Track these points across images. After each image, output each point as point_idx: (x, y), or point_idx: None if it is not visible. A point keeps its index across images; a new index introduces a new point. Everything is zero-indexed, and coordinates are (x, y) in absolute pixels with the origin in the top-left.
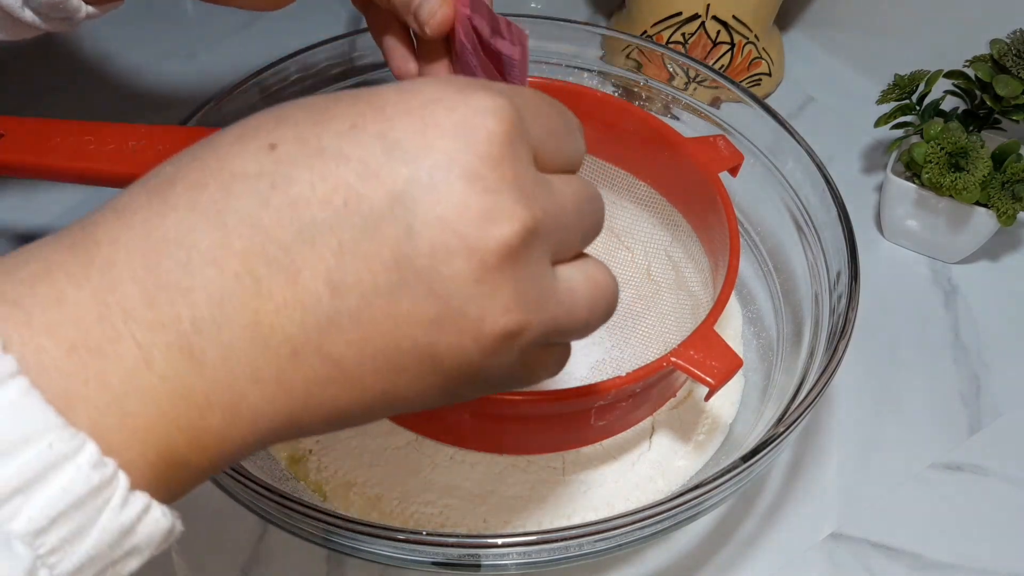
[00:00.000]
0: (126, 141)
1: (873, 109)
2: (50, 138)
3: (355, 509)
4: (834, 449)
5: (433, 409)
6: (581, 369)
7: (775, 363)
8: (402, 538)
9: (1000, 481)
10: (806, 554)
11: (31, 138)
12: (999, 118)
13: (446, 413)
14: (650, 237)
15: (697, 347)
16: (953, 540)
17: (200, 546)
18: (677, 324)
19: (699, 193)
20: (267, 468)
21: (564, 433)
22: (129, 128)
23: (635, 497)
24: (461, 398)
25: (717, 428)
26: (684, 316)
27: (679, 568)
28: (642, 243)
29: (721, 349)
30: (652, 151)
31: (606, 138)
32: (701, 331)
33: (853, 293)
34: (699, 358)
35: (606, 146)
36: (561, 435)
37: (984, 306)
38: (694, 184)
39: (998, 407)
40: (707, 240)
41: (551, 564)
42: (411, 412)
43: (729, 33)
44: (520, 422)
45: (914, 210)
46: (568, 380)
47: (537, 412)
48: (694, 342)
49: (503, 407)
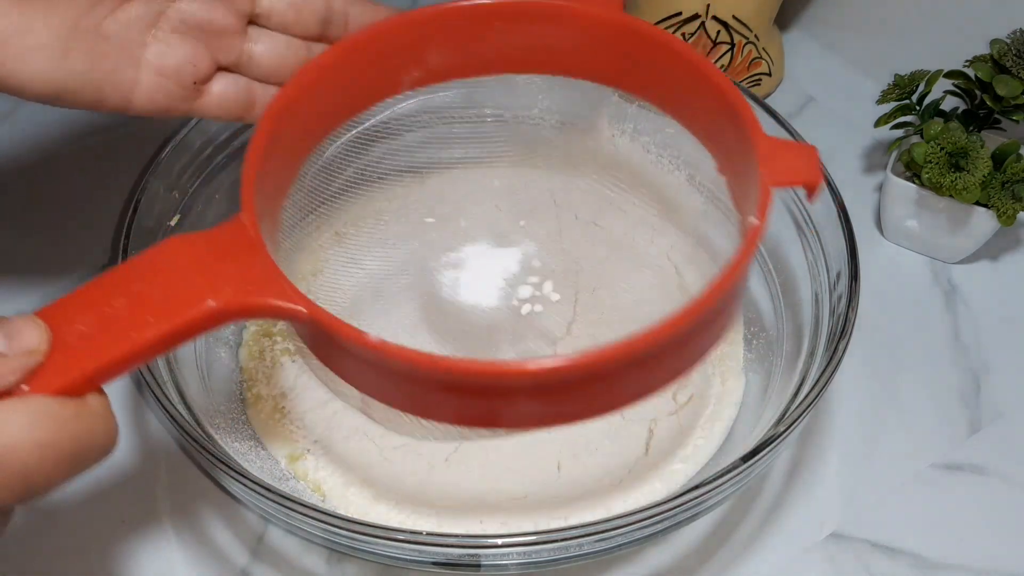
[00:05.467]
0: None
1: (873, 109)
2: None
3: (354, 509)
4: (834, 449)
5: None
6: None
7: (775, 363)
8: (402, 538)
9: (1000, 481)
10: (806, 554)
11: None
12: (999, 118)
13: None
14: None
15: (772, 158)
16: (953, 540)
17: (200, 546)
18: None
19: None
20: (267, 468)
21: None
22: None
23: (633, 499)
24: None
25: (716, 429)
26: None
27: (679, 568)
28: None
29: (786, 146)
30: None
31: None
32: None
33: (853, 293)
34: (785, 164)
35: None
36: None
37: (984, 306)
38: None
39: (998, 407)
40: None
41: (551, 564)
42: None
43: (729, 33)
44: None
45: (914, 210)
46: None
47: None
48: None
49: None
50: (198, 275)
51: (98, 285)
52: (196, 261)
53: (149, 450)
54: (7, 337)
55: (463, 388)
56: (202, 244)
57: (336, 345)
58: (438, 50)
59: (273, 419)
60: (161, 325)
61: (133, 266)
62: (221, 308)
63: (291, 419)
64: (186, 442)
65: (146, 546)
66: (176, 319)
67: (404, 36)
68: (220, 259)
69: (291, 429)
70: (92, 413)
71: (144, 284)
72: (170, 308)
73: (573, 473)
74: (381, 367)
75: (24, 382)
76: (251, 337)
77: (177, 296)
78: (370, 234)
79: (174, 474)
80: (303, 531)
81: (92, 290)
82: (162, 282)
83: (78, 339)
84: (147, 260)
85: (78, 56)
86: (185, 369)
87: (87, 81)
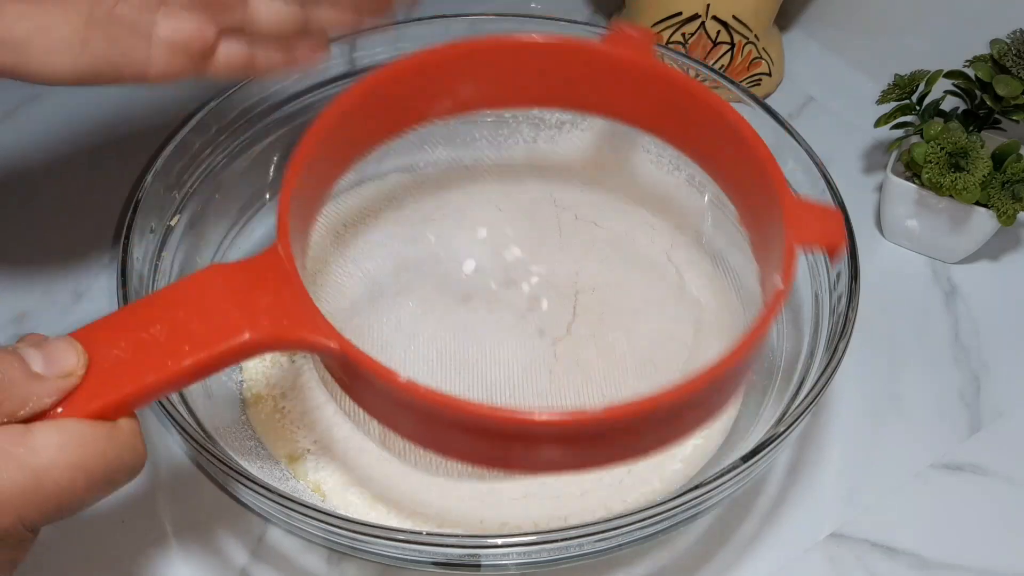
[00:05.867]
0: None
1: (873, 109)
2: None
3: (353, 509)
4: (834, 449)
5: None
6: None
7: (775, 363)
8: (402, 538)
9: (1000, 481)
10: (806, 554)
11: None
12: (999, 118)
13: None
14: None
15: (797, 223)
16: (953, 540)
17: (200, 546)
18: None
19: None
20: (267, 468)
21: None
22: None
23: (632, 499)
24: None
25: (716, 429)
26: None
27: (679, 568)
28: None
29: (811, 208)
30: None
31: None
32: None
33: (853, 293)
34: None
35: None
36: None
37: (984, 306)
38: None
39: (998, 407)
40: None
41: (551, 564)
42: None
43: (729, 33)
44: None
45: (914, 210)
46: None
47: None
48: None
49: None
50: (235, 306)
51: (136, 310)
52: (234, 291)
53: (149, 450)
54: (45, 359)
55: (489, 432)
56: (240, 274)
57: (363, 380)
58: (471, 84)
59: (273, 419)
60: (197, 354)
61: (172, 293)
62: (256, 340)
63: (291, 419)
64: (186, 443)
65: (146, 546)
66: (212, 349)
67: (440, 69)
68: (257, 290)
69: (291, 429)
70: (123, 437)
71: (182, 312)
72: (207, 338)
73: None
74: (407, 406)
75: (59, 404)
76: None
77: (214, 326)
78: (370, 235)
79: (174, 474)
80: (303, 531)
81: (130, 314)
82: (199, 311)
83: (114, 364)
84: (185, 288)
85: (96, 43)
86: None
87: (105, 64)
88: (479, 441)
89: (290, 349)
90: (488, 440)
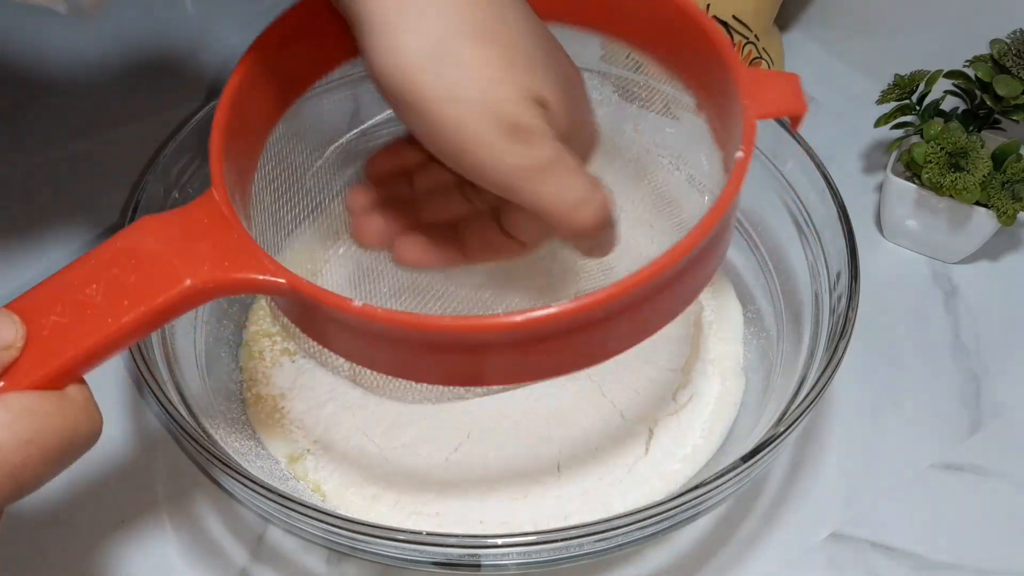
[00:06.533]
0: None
1: (873, 109)
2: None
3: (353, 509)
4: (834, 449)
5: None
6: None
7: (775, 363)
8: (402, 538)
9: (1000, 481)
10: (806, 554)
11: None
12: (999, 118)
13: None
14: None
15: (753, 90)
16: (953, 540)
17: (200, 546)
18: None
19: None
20: (267, 468)
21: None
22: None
23: (632, 499)
24: None
25: (716, 429)
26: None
27: (679, 568)
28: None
29: (767, 77)
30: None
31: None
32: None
33: (853, 293)
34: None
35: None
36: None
37: (984, 306)
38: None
39: (998, 407)
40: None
41: (551, 564)
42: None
43: (729, 33)
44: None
45: (914, 210)
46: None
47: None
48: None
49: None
50: (173, 255)
51: (70, 271)
52: (170, 240)
53: (149, 450)
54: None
55: (450, 346)
56: (175, 223)
57: (320, 314)
58: None
59: (273, 419)
60: (138, 309)
61: (105, 250)
62: (199, 286)
63: (291, 419)
64: (186, 442)
65: (146, 546)
66: (153, 301)
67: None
68: (194, 237)
69: (291, 429)
70: (74, 405)
71: (118, 268)
72: (146, 291)
73: (573, 473)
74: (367, 333)
75: (0, 379)
76: (251, 337)
77: (153, 278)
78: None
79: (174, 474)
80: (303, 531)
81: (64, 277)
82: (136, 264)
83: (53, 330)
84: (120, 243)
85: None
86: (185, 369)
87: None
88: (446, 357)
89: (239, 292)
90: (456, 355)
